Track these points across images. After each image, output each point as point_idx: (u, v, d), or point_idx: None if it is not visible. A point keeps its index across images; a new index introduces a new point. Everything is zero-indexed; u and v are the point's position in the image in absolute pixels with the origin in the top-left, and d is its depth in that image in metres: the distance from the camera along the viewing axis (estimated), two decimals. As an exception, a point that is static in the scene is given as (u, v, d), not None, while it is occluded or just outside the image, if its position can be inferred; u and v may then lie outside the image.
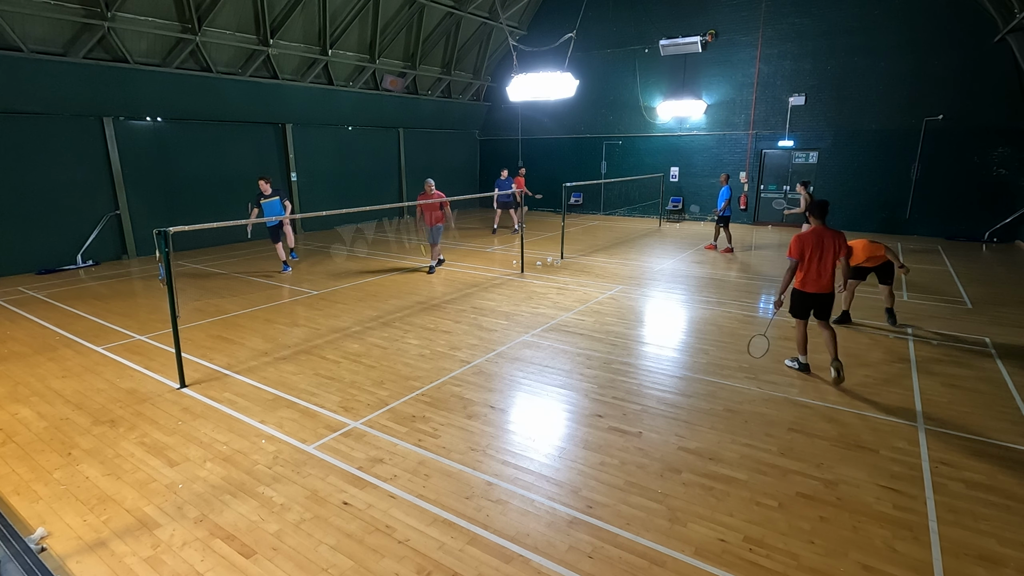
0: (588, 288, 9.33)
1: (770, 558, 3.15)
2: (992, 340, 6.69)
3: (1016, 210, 13.32)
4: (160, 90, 12.15)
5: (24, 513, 3.60)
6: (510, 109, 20.86)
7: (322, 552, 3.22)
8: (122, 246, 12.32)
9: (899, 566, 3.09)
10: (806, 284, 5.54)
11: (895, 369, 5.84)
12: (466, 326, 7.37)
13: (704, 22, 16.48)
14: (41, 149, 10.90)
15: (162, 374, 5.84)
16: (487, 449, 4.33)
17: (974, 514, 3.52)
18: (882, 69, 14.31)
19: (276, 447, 4.38)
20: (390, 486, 3.85)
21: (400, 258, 12.18)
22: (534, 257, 11.96)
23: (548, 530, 3.40)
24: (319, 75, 15.31)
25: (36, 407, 5.12)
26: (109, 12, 10.49)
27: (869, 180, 14.99)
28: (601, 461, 4.15)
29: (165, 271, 5.19)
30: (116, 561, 3.17)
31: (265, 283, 9.95)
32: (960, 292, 8.97)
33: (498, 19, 17.63)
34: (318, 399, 5.23)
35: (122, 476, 4.01)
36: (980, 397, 5.19)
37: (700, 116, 17.21)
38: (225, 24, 12.47)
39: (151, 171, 12.62)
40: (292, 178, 15.60)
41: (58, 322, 7.67)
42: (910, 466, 4.06)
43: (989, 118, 13.32)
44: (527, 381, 5.62)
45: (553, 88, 12.48)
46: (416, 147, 19.50)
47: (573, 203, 20.27)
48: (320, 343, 6.79)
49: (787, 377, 5.67)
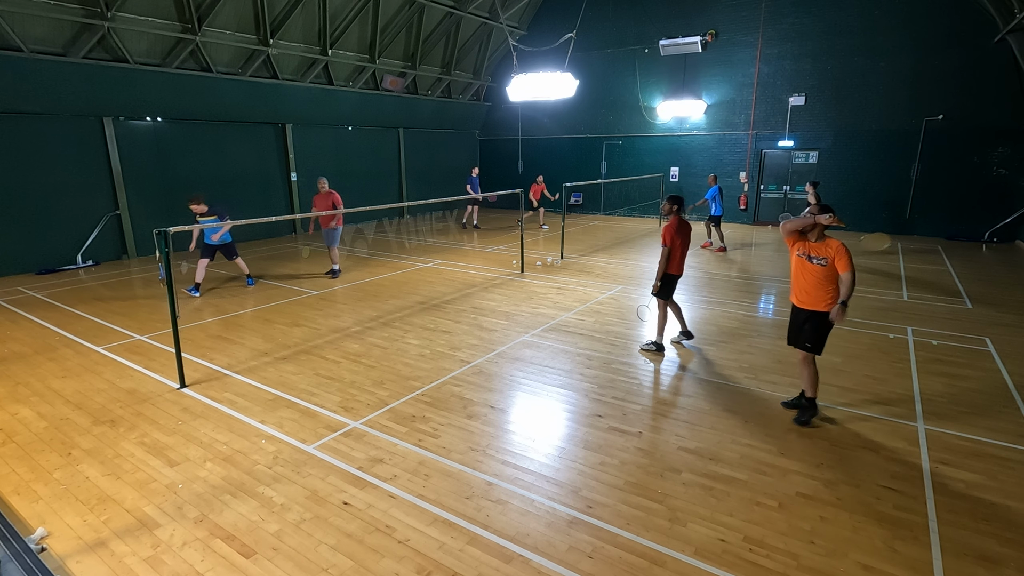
0: (588, 288, 9.33)
1: (770, 558, 3.15)
2: (992, 340, 6.69)
3: (1016, 210, 13.32)
4: (160, 90, 12.14)
5: (24, 513, 3.60)
6: (510, 109, 20.86)
7: (322, 552, 3.22)
8: (122, 246, 12.32)
9: (899, 566, 3.09)
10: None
11: (895, 369, 5.84)
12: (466, 326, 7.37)
13: (704, 22, 16.48)
14: (41, 149, 10.89)
15: (162, 374, 5.84)
16: (487, 449, 4.33)
17: (974, 514, 3.51)
18: (882, 69, 14.31)
19: (276, 447, 4.38)
20: (390, 486, 3.84)
21: (401, 258, 12.17)
22: (534, 257, 11.96)
23: (548, 530, 3.40)
24: (319, 75, 15.30)
25: (36, 407, 5.12)
26: (109, 12, 10.48)
27: (869, 180, 14.99)
28: (601, 461, 4.15)
29: (165, 271, 5.20)
30: (116, 561, 3.17)
31: (265, 283, 9.95)
32: (960, 292, 8.97)
33: (498, 19, 17.62)
34: (318, 399, 5.23)
35: (122, 476, 4.01)
36: (980, 397, 5.19)
37: (700, 116, 17.21)
38: (225, 24, 12.46)
39: (151, 171, 12.61)
40: (292, 178, 15.60)
41: (58, 322, 7.67)
42: (910, 466, 4.06)
43: (989, 118, 13.32)
44: (527, 381, 5.61)
45: (553, 88, 12.48)
46: (416, 147, 19.50)
47: (573, 203, 20.27)
48: (320, 343, 6.79)
49: (787, 377, 5.66)
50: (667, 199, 6.44)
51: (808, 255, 4.59)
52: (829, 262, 4.46)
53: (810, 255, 4.57)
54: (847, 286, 4.44)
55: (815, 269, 4.53)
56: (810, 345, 4.66)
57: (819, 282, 4.54)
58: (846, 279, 4.44)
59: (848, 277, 4.44)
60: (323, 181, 10.10)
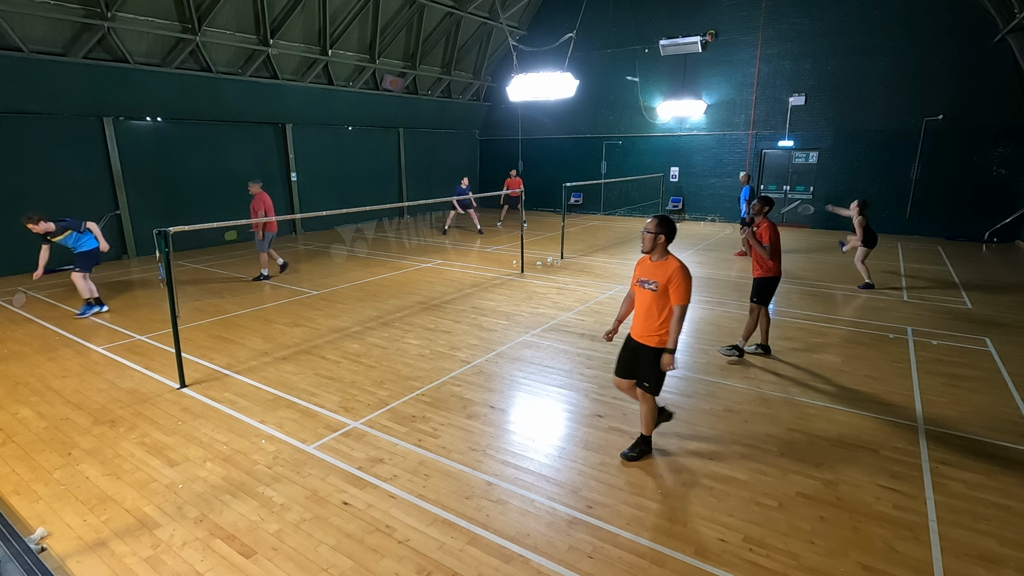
0: (588, 288, 9.33)
1: (770, 558, 3.15)
2: (992, 340, 6.69)
3: (1016, 210, 13.32)
4: (160, 90, 12.14)
5: (24, 513, 3.60)
6: (510, 109, 20.85)
7: (322, 552, 3.22)
8: (122, 246, 12.31)
9: (899, 566, 3.09)
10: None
11: (895, 369, 5.84)
12: (466, 326, 7.37)
13: (704, 22, 16.48)
14: (41, 149, 10.89)
15: (162, 374, 5.84)
16: (487, 449, 4.33)
17: (974, 514, 3.52)
18: (882, 69, 14.30)
19: (276, 447, 4.38)
20: (390, 486, 3.84)
21: (401, 258, 12.17)
22: (534, 257, 11.96)
23: (548, 530, 3.40)
24: (319, 75, 15.30)
25: (36, 407, 5.12)
26: (109, 12, 10.48)
27: (869, 180, 14.98)
28: (601, 461, 4.15)
29: (165, 271, 5.19)
30: (116, 561, 3.17)
31: (265, 283, 9.95)
32: (960, 292, 8.96)
33: (498, 19, 17.62)
34: (318, 399, 5.23)
35: (122, 476, 4.01)
36: (980, 397, 5.19)
37: (700, 116, 17.20)
38: (225, 24, 12.46)
39: (151, 171, 12.61)
40: (292, 178, 15.61)
41: (58, 322, 7.67)
42: (910, 466, 4.06)
43: (989, 118, 13.31)
44: (527, 381, 5.61)
45: (553, 88, 12.47)
46: (416, 147, 19.50)
47: (573, 203, 20.26)
48: (320, 343, 6.79)
49: (787, 377, 5.67)
50: (759, 199, 6.06)
51: (640, 280, 3.93)
52: (660, 287, 3.75)
53: (641, 279, 3.92)
54: (675, 324, 3.73)
55: (645, 294, 3.86)
56: (648, 385, 3.99)
57: (647, 310, 3.86)
58: (675, 315, 3.73)
59: (679, 312, 3.72)
60: (254, 185, 9.85)
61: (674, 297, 3.72)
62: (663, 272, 3.77)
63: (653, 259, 3.88)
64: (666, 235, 3.82)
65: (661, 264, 3.83)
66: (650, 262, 3.90)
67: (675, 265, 3.75)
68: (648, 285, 3.82)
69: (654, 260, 3.88)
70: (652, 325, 3.84)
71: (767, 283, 6.07)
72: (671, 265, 3.77)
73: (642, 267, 3.97)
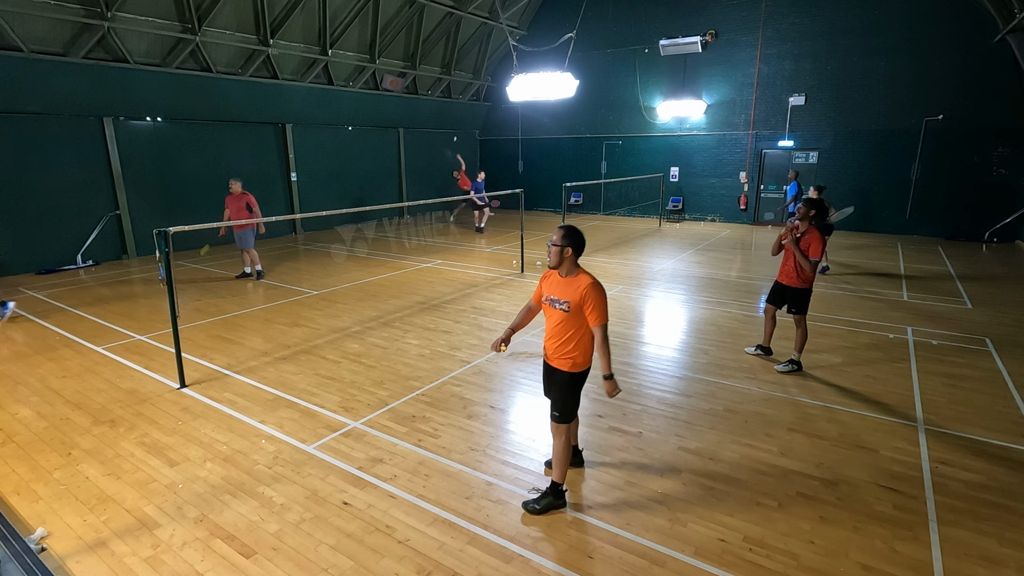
0: (588, 288, 9.31)
1: (770, 558, 3.15)
2: (992, 340, 6.69)
3: (1016, 210, 13.32)
4: (160, 90, 12.14)
5: (24, 513, 3.60)
6: (510, 109, 20.85)
7: (322, 552, 3.22)
8: (122, 246, 12.31)
9: (899, 566, 3.09)
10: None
11: (895, 369, 5.84)
12: (466, 326, 7.37)
13: (704, 22, 16.48)
14: (41, 149, 10.89)
15: (162, 374, 5.84)
16: (487, 449, 4.33)
17: (974, 514, 3.52)
18: (882, 69, 14.30)
19: (276, 447, 4.38)
20: (390, 486, 3.85)
21: (401, 258, 12.18)
22: (534, 257, 11.96)
23: (548, 530, 3.40)
24: (319, 75, 15.30)
25: (36, 407, 5.12)
26: (109, 12, 10.48)
27: (869, 180, 14.98)
28: (601, 461, 4.15)
29: (165, 271, 5.20)
30: (116, 561, 3.17)
31: (265, 283, 9.95)
32: (960, 292, 8.96)
33: (498, 19, 17.62)
34: (318, 399, 5.23)
35: (122, 476, 4.01)
36: (980, 397, 5.19)
37: (700, 116, 17.20)
38: (225, 24, 12.46)
39: (151, 171, 12.61)
40: (292, 178, 15.61)
41: (58, 322, 7.67)
42: (910, 466, 4.06)
43: (989, 118, 13.31)
44: (527, 381, 5.61)
45: (553, 88, 12.48)
46: (416, 147, 19.50)
47: (573, 203, 20.26)
48: (320, 343, 6.79)
49: (787, 377, 5.67)
50: (805, 202, 5.61)
51: (548, 298, 3.46)
52: (573, 307, 3.31)
53: (550, 297, 3.45)
54: (604, 348, 3.32)
55: (555, 314, 3.43)
56: (557, 414, 3.47)
57: (558, 331, 3.42)
58: (599, 337, 3.31)
59: (601, 334, 3.30)
60: (236, 183, 9.85)
61: (592, 318, 3.30)
62: (574, 290, 3.31)
63: (561, 275, 3.40)
64: (573, 248, 3.32)
65: (571, 280, 3.35)
66: (559, 278, 3.41)
67: (587, 282, 3.29)
68: (558, 305, 3.37)
69: (563, 276, 3.39)
70: (565, 348, 3.41)
71: (808, 294, 5.77)
72: (582, 282, 3.30)
73: (549, 283, 3.48)
